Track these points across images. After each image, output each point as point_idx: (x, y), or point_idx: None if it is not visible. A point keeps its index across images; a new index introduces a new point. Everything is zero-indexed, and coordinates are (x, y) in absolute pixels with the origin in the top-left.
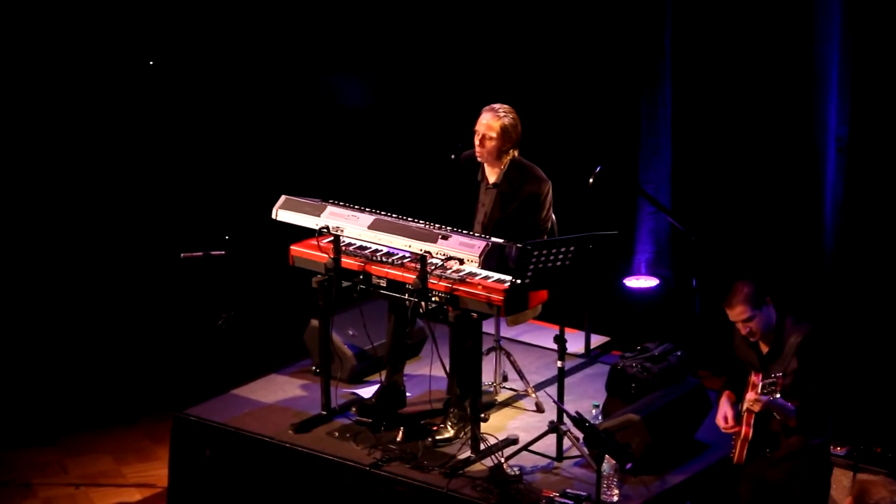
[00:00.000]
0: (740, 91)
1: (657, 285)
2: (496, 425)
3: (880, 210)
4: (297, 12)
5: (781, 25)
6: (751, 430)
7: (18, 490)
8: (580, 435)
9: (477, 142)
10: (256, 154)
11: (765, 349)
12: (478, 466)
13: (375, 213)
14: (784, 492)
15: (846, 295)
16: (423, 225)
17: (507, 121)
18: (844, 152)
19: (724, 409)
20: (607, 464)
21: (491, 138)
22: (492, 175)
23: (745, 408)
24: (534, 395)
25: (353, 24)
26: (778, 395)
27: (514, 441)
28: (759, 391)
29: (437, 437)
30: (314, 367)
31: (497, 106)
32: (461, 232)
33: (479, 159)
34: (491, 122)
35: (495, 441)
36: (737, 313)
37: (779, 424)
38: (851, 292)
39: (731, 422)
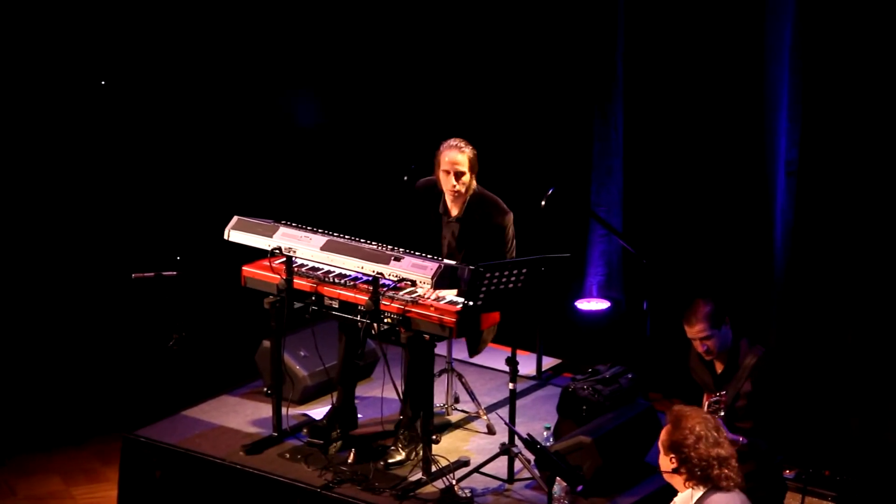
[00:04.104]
0: (691, 114)
1: (608, 308)
2: (448, 447)
3: (830, 233)
4: (249, 32)
5: (732, 48)
6: None
7: None
8: (531, 457)
9: (452, 181)
10: (209, 174)
11: (719, 370)
12: (429, 488)
13: (328, 234)
14: None
15: (796, 317)
16: (375, 246)
17: (469, 153)
18: (794, 176)
19: None
20: (558, 486)
21: (464, 173)
22: (454, 208)
23: None
24: (485, 417)
25: (305, 45)
26: (722, 414)
27: (466, 463)
28: (704, 410)
29: (389, 459)
30: (265, 388)
31: (454, 141)
32: (414, 253)
33: (452, 196)
34: (458, 157)
35: (447, 463)
36: (696, 331)
37: None
38: (801, 315)
39: None
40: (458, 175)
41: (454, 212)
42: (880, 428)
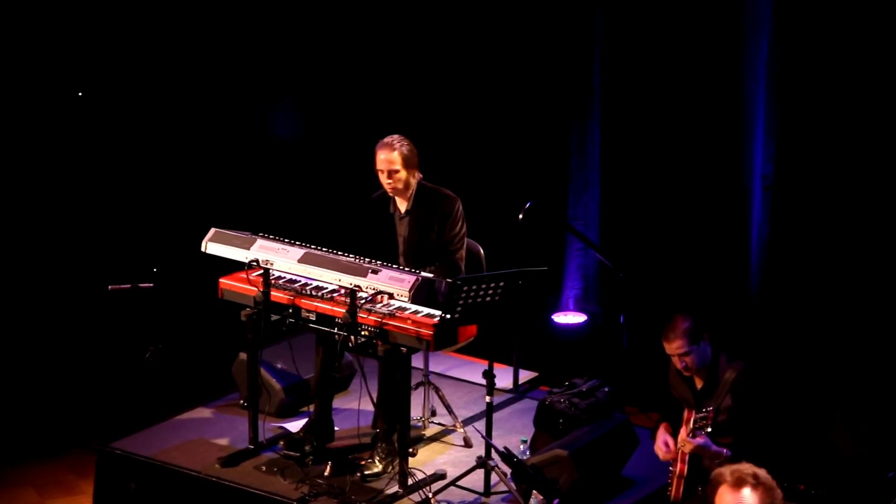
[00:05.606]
0: (668, 128)
1: (585, 321)
2: (424, 460)
3: (805, 247)
4: (227, 45)
5: (709, 63)
6: (685, 467)
7: None
8: (508, 470)
9: (385, 179)
10: (186, 186)
11: (699, 385)
12: (405, 501)
13: (305, 246)
14: None
15: (771, 332)
16: (352, 259)
17: (404, 150)
18: (770, 190)
19: (664, 437)
20: (535, 499)
21: (397, 171)
22: (402, 204)
23: (678, 446)
24: (462, 430)
25: (283, 57)
26: (709, 430)
27: (442, 476)
28: (691, 426)
29: (365, 472)
30: (242, 401)
31: (388, 139)
32: (391, 266)
33: (390, 193)
34: (390, 156)
35: (423, 476)
36: (674, 347)
37: (711, 462)
38: (776, 329)
39: (671, 447)
40: (392, 174)
41: (403, 208)
42: (837, 440)
